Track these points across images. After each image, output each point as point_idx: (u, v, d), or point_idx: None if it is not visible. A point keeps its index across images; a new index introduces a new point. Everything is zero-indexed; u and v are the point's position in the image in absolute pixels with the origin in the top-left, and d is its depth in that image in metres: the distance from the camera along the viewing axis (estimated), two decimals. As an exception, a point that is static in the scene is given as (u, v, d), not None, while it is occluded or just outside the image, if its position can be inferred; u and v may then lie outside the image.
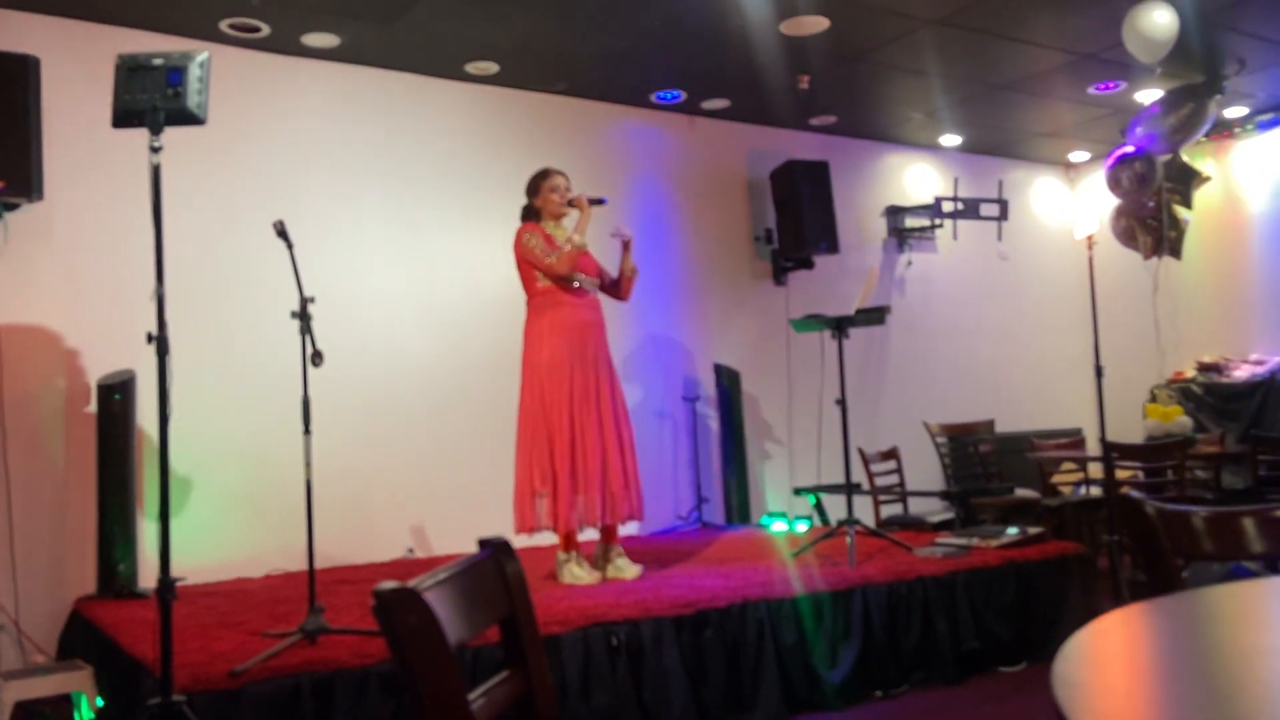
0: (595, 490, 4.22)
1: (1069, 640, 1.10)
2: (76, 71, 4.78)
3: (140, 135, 2.96)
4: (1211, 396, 7.15)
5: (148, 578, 4.43)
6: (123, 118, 2.96)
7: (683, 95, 6.43)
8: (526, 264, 4.42)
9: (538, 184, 4.55)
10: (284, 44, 5.30)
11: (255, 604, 4.10)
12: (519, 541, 4.59)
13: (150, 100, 2.91)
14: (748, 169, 7.04)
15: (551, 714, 1.38)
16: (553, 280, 4.36)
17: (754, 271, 7.03)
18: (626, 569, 4.36)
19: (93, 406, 4.65)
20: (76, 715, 3.53)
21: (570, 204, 4.47)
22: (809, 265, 6.98)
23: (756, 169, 7.03)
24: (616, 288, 4.61)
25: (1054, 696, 0.92)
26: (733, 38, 5.41)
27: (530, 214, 4.56)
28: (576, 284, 4.39)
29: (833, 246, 6.77)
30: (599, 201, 4.46)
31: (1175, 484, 5.28)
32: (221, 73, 3.79)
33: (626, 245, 4.56)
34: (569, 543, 4.34)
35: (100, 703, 3.49)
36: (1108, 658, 1.13)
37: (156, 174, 2.91)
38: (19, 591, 4.47)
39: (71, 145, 4.79)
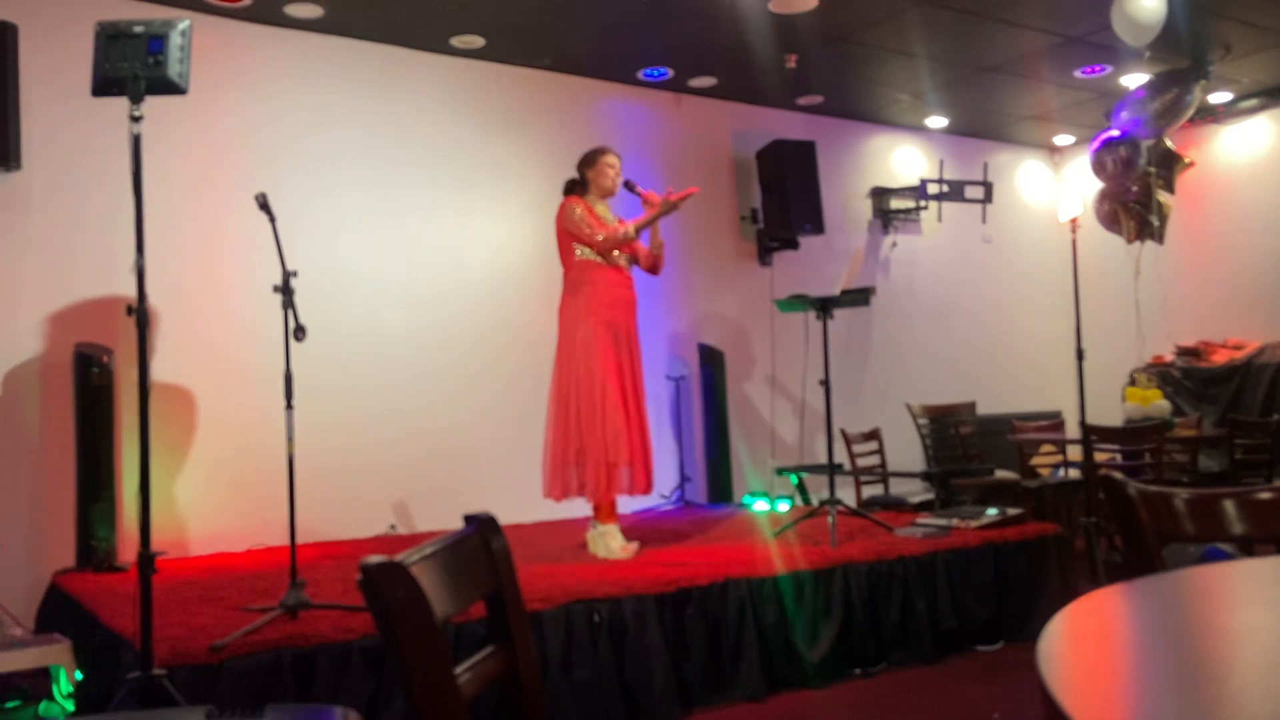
0: (639, 463, 4.29)
1: (1053, 619, 1.11)
2: (56, 39, 4.70)
3: (120, 104, 2.91)
4: (1190, 380, 7.21)
5: (127, 552, 4.41)
6: (103, 86, 2.91)
7: (670, 73, 6.40)
8: (567, 236, 4.40)
9: (595, 157, 4.52)
10: (267, 14, 5.23)
11: (236, 579, 4.08)
12: (546, 512, 4.63)
13: (131, 69, 2.87)
14: (734, 148, 7.02)
15: (535, 689, 1.38)
16: (592, 254, 4.35)
17: (739, 251, 7.03)
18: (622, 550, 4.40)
19: (71, 379, 4.60)
20: (55, 689, 3.51)
21: (629, 188, 4.48)
22: (794, 246, 6.98)
23: (743, 148, 7.01)
24: (650, 261, 4.58)
25: (1040, 675, 0.92)
26: (721, 15, 5.37)
27: (576, 188, 4.53)
28: (615, 257, 4.40)
29: (818, 227, 6.77)
30: (675, 204, 4.35)
31: (1153, 466, 5.32)
32: (203, 42, 3.74)
33: (656, 216, 4.47)
34: (609, 514, 4.36)
35: (79, 676, 3.47)
36: (1094, 637, 1.14)
37: (137, 144, 2.87)
38: (-4, 565, 4.45)
39: (50, 114, 4.72)
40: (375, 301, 5.59)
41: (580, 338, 4.30)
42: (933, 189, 7.42)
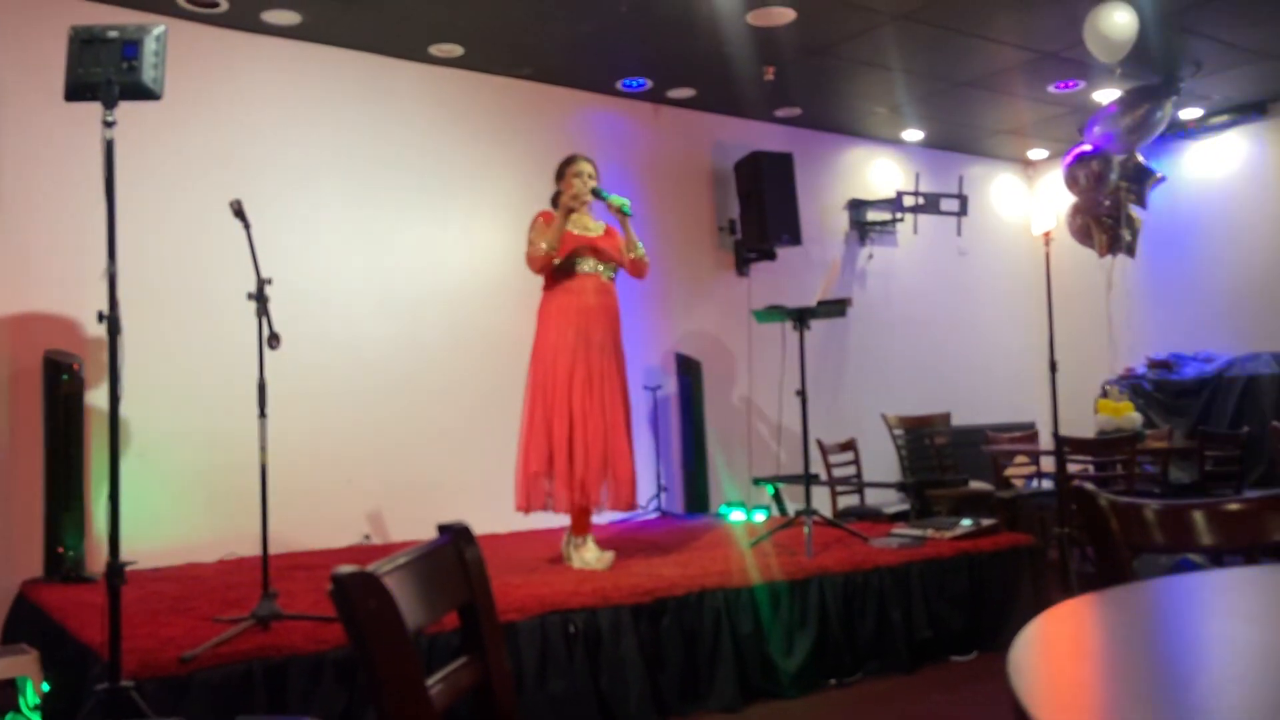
0: (595, 475, 4.18)
1: (1024, 629, 1.12)
2: (29, 43, 4.66)
3: (93, 110, 2.89)
4: (1161, 393, 7.29)
5: (96, 561, 4.35)
6: (75, 91, 2.89)
7: (649, 83, 6.41)
8: None
9: (563, 170, 4.47)
10: (243, 20, 5.20)
11: (207, 589, 4.03)
12: (520, 523, 4.57)
13: (104, 74, 2.85)
14: (712, 159, 7.04)
15: (509, 701, 1.37)
16: (570, 261, 4.29)
17: (717, 262, 7.04)
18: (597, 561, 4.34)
19: (40, 386, 4.54)
20: (21, 701, 3.45)
21: (597, 195, 4.39)
22: (771, 256, 7.01)
23: (721, 159, 7.03)
24: (628, 264, 4.47)
25: (1010, 685, 0.92)
26: (700, 27, 5.40)
27: (558, 199, 4.47)
28: (585, 269, 4.33)
29: (795, 238, 6.80)
30: (621, 209, 4.31)
31: (1124, 478, 5.37)
32: (178, 48, 3.72)
33: (623, 221, 4.40)
34: (583, 526, 4.31)
35: (46, 688, 3.42)
36: (1064, 647, 1.15)
37: (109, 149, 2.84)
38: (-38, 575, 4.38)
39: (22, 119, 4.67)
40: (351, 309, 5.56)
41: (549, 345, 4.27)
42: (909, 201, 7.48)
